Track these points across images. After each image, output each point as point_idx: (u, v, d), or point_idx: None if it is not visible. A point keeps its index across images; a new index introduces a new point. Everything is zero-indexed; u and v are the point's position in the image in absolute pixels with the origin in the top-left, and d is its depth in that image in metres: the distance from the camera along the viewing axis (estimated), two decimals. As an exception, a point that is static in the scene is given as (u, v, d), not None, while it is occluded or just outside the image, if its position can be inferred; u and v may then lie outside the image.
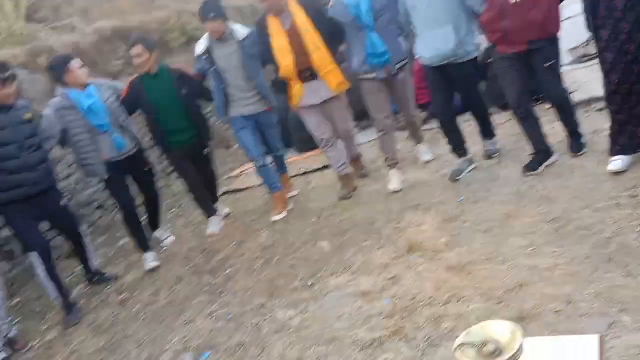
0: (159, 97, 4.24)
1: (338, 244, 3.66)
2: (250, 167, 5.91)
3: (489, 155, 4.18)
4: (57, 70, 3.99)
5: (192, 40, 8.72)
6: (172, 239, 4.75)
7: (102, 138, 4.07)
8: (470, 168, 4.10)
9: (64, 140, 4.09)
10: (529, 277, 2.56)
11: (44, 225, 4.14)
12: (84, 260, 4.23)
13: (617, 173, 3.22)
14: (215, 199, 4.86)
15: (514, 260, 2.76)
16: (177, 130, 4.33)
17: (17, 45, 5.52)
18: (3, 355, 3.41)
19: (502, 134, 4.24)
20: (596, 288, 2.32)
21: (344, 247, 3.61)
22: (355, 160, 4.81)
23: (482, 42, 3.84)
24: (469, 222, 3.34)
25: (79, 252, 4.19)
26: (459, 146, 4.12)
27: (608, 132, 3.33)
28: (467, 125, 4.39)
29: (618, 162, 3.22)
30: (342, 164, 4.46)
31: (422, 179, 4.31)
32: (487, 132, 4.21)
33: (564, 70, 3.78)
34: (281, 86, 4.20)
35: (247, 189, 5.54)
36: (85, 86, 4.00)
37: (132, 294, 3.93)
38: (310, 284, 3.27)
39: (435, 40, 3.70)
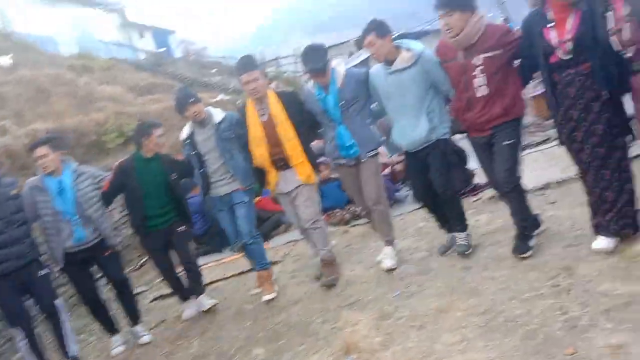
0: (149, 180, 4.30)
1: (273, 350, 3.51)
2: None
3: (460, 252, 3.89)
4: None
5: (130, 141, 8.69)
6: (148, 337, 4.36)
7: (63, 225, 4.10)
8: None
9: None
10: (462, 375, 2.52)
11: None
12: (60, 340, 3.99)
13: (537, 264, 3.32)
14: (198, 284, 4.57)
15: (447, 357, 2.72)
16: (158, 214, 4.35)
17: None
18: None
19: (431, 225, 4.33)
20: (526, 383, 2.31)
21: (279, 352, 3.46)
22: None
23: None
24: (403, 318, 3.30)
25: (55, 330, 4.00)
26: (447, 222, 4.08)
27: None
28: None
29: (600, 242, 3.22)
30: (325, 248, 4.33)
31: (358, 274, 4.28)
32: (459, 223, 3.98)
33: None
34: (258, 173, 4.32)
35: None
36: (60, 171, 4.12)
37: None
38: (243, 395, 3.09)
39: (409, 127, 3.79)
